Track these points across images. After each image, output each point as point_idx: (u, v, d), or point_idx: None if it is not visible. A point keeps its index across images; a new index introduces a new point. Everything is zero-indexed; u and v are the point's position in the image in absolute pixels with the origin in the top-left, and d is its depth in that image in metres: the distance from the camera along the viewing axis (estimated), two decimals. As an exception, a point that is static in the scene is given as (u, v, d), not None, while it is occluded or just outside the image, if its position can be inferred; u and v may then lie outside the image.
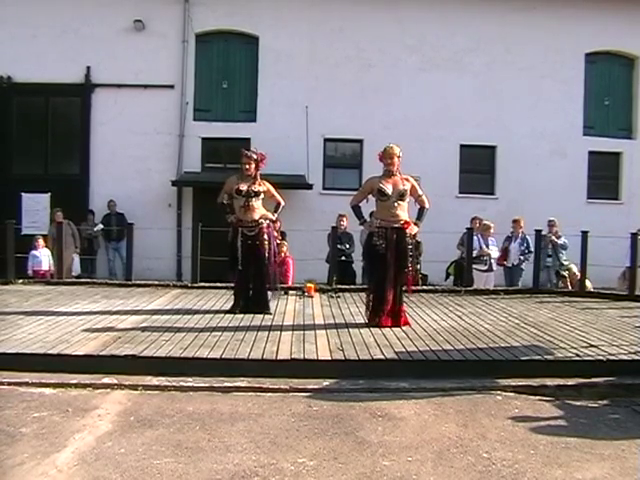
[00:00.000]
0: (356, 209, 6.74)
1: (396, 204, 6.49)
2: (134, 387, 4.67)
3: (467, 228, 9.90)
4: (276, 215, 7.34)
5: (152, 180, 13.45)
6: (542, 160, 13.87)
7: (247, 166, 7.10)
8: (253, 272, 7.11)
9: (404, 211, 6.59)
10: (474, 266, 9.84)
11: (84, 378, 4.75)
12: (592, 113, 14.31)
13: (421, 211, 6.74)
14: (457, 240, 10.32)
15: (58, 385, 4.66)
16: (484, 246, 10.29)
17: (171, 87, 13.63)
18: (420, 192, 6.76)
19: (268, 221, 7.14)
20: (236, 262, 7.09)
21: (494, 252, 10.42)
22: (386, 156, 6.59)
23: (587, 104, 14.25)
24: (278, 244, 7.79)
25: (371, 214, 7.17)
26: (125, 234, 10.55)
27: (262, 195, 7.14)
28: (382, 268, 6.48)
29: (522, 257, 10.64)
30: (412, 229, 6.56)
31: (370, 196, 6.73)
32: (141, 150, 13.37)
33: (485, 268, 10.22)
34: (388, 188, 6.50)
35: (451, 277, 10.71)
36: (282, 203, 7.37)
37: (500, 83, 13.86)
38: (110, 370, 4.87)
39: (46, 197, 12.12)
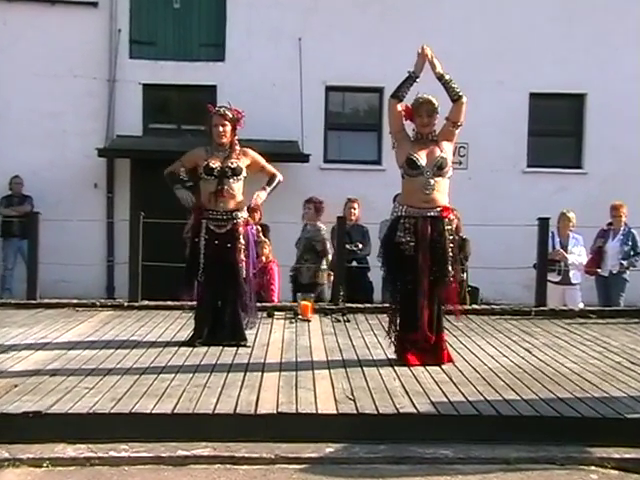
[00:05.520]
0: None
1: (432, 182, 6.49)
2: (37, 462, 4.60)
3: (539, 218, 9.90)
4: (269, 189, 7.29)
5: (68, 148, 13.52)
6: (658, 115, 13.86)
7: (221, 128, 7.09)
8: (222, 287, 7.14)
9: (442, 193, 6.59)
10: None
11: (-43, 451, 4.71)
12: None
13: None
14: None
15: None
16: (557, 245, 10.32)
17: (94, 5, 13.67)
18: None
19: (246, 215, 7.18)
20: (197, 271, 7.13)
21: (577, 255, 10.43)
22: (421, 112, 6.62)
23: None
24: (257, 242, 7.79)
25: (395, 198, 7.19)
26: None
27: (243, 173, 7.16)
28: (411, 278, 6.48)
29: (625, 262, 10.62)
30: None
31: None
32: (50, 102, 13.40)
33: (558, 279, 10.22)
34: (421, 158, 6.50)
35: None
36: (279, 177, 7.40)
37: None
38: (-1, 438, 4.84)
39: None
